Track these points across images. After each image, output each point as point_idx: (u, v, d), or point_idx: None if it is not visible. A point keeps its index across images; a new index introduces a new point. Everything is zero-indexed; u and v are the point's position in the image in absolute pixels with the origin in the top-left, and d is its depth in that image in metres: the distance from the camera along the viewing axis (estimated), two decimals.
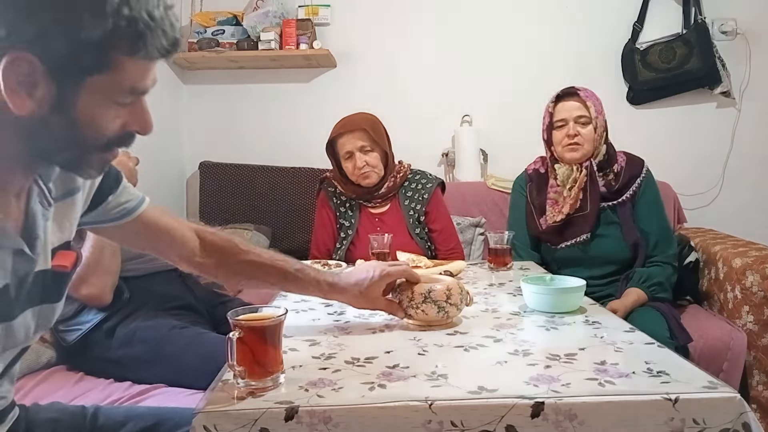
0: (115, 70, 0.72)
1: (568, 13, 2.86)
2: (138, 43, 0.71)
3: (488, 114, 2.89)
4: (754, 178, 2.83)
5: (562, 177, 1.94)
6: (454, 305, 1.19)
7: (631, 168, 1.96)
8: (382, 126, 2.07)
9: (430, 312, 1.18)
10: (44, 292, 0.85)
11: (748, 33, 2.76)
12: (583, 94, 1.92)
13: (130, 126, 0.78)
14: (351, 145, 2.00)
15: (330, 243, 2.11)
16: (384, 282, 1.21)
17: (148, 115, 0.79)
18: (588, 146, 1.90)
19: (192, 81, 3.00)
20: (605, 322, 1.22)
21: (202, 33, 2.79)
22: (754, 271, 1.87)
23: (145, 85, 0.76)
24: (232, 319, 0.90)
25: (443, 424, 0.81)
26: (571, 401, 0.82)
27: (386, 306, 1.23)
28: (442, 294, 1.18)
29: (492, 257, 1.81)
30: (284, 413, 0.81)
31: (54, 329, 1.53)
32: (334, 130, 2.05)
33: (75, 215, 0.92)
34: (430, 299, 1.18)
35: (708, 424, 0.81)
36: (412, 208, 2.07)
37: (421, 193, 2.09)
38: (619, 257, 1.91)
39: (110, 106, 0.75)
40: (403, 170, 2.11)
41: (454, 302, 1.19)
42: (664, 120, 2.85)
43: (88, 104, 0.73)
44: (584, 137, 1.89)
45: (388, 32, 2.91)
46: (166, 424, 1.02)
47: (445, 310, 1.19)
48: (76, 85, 0.71)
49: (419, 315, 1.19)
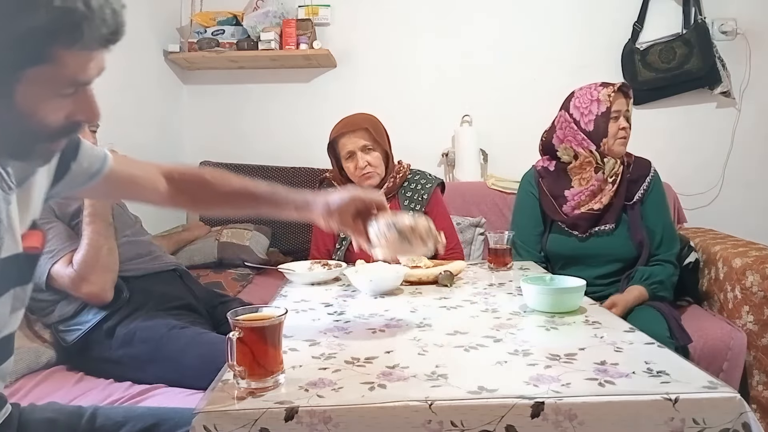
0: (54, 62, 0.70)
1: (569, 13, 2.86)
2: (75, 34, 0.69)
3: (488, 114, 2.89)
4: (754, 178, 2.83)
5: (609, 171, 1.92)
6: (419, 237, 1.16)
7: (638, 168, 1.98)
8: (383, 126, 2.07)
9: (393, 241, 1.15)
10: (19, 275, 0.85)
11: (748, 33, 2.76)
12: (629, 91, 1.95)
13: (75, 116, 0.76)
14: (353, 145, 1.99)
15: (330, 243, 2.10)
16: (354, 203, 1.19)
17: (94, 104, 0.77)
18: None
19: (192, 81, 3.00)
20: (605, 322, 1.22)
21: (202, 33, 2.79)
22: (754, 271, 1.87)
23: (87, 75, 0.74)
24: (232, 319, 0.90)
25: (443, 424, 0.81)
26: (571, 401, 0.82)
27: (353, 230, 1.21)
28: (407, 225, 1.15)
29: (492, 257, 1.81)
30: (284, 413, 0.81)
31: (54, 329, 1.53)
32: (335, 130, 2.04)
33: (39, 194, 0.92)
34: (394, 227, 1.15)
35: (708, 424, 0.81)
36: (411, 209, 2.07)
37: (421, 193, 2.08)
38: (624, 255, 1.92)
39: (51, 98, 0.73)
40: (402, 170, 2.11)
41: (419, 234, 1.16)
42: (664, 120, 2.85)
43: (28, 96, 0.71)
44: (627, 132, 1.93)
45: (388, 32, 2.91)
46: (165, 425, 1.02)
47: (408, 241, 1.15)
48: (13, 78, 0.69)
49: (383, 243, 1.16)
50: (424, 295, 1.50)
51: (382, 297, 1.48)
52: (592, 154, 1.93)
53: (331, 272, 1.70)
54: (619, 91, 1.92)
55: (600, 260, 1.92)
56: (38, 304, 1.51)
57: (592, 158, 1.93)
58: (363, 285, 1.52)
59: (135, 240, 1.69)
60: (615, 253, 1.92)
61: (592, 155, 1.93)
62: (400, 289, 1.56)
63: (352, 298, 1.49)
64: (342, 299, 1.48)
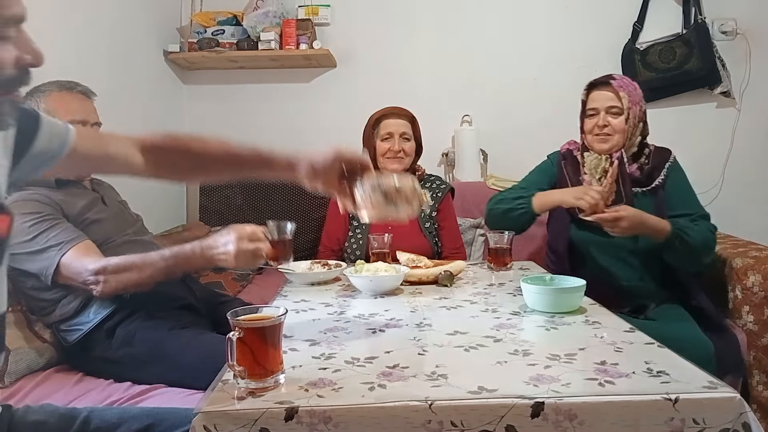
0: None
1: (568, 13, 2.85)
2: None
3: (488, 114, 2.88)
4: (754, 178, 2.83)
5: (590, 165, 1.91)
6: (405, 198, 1.15)
7: (659, 153, 1.93)
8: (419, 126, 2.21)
9: (377, 202, 1.14)
10: None
11: (748, 33, 2.76)
12: (616, 84, 1.86)
13: (23, 60, 0.77)
14: (395, 128, 2.13)
15: (341, 234, 2.15)
16: (337, 161, 1.16)
17: (35, 45, 0.79)
18: (618, 137, 1.86)
19: (192, 81, 3.00)
20: (605, 322, 1.22)
21: (202, 33, 2.79)
22: (756, 271, 1.87)
23: (22, 10, 0.76)
24: (232, 319, 0.90)
25: (443, 424, 0.81)
26: (571, 401, 0.82)
27: (337, 190, 1.19)
28: (392, 186, 1.14)
29: (492, 257, 1.81)
30: (284, 413, 0.81)
31: (55, 329, 1.53)
32: (382, 111, 2.19)
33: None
34: (379, 189, 1.14)
35: (708, 424, 0.81)
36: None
37: (435, 191, 2.21)
38: (650, 244, 1.80)
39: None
40: (420, 170, 2.24)
41: (404, 194, 1.15)
42: (664, 120, 2.84)
43: None
44: (614, 128, 1.85)
45: (388, 32, 2.91)
46: (161, 425, 1.01)
47: (394, 202, 1.15)
48: None
49: (368, 205, 1.15)
50: (424, 295, 1.50)
51: (382, 297, 1.49)
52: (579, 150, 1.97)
53: (331, 272, 1.70)
54: (595, 87, 1.90)
55: (624, 251, 1.85)
56: (39, 304, 1.51)
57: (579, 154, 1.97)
58: (363, 285, 1.52)
59: (136, 239, 1.68)
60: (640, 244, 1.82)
61: (579, 151, 1.97)
62: (400, 289, 1.56)
63: (352, 298, 1.50)
64: (342, 299, 1.48)
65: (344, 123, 2.89)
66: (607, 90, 1.88)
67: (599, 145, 1.89)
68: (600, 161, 1.89)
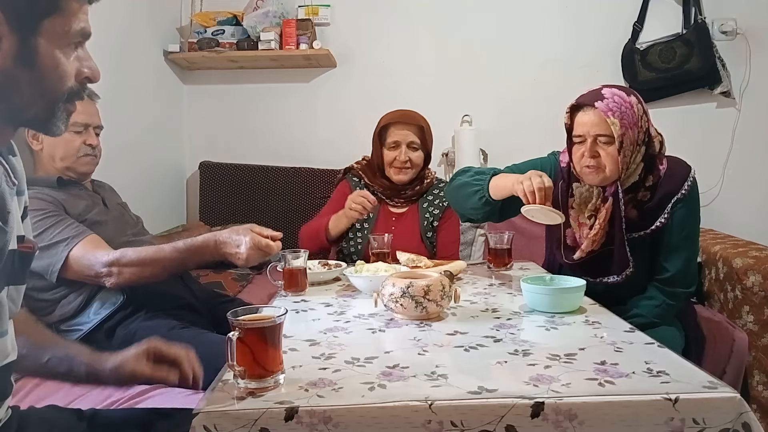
0: (64, 10, 0.78)
1: (568, 13, 2.85)
2: None
3: (488, 114, 2.88)
4: (754, 178, 2.83)
5: (579, 200, 1.61)
6: (433, 302, 1.21)
7: (668, 183, 1.57)
8: (431, 131, 2.12)
9: (408, 306, 1.21)
10: (12, 273, 0.85)
11: (748, 33, 2.76)
12: (603, 106, 1.48)
13: (81, 74, 0.82)
14: (402, 137, 2.05)
15: None
16: None
17: (93, 61, 0.84)
18: (611, 168, 1.51)
19: (192, 81, 3.00)
20: (605, 322, 1.22)
21: (202, 33, 2.79)
22: (756, 271, 1.87)
23: (89, 26, 0.82)
24: (232, 319, 0.90)
25: (443, 424, 0.81)
26: (571, 401, 0.82)
27: None
28: (420, 290, 1.21)
29: (492, 257, 1.81)
30: (284, 413, 0.81)
31: (55, 329, 1.53)
32: (389, 117, 2.09)
33: None
34: (408, 294, 1.21)
35: (708, 424, 0.81)
36: (429, 212, 2.10)
37: (442, 199, 2.12)
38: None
39: (68, 48, 0.80)
40: (430, 177, 2.17)
41: (433, 299, 1.21)
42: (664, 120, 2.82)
43: (49, 50, 0.77)
44: (606, 158, 1.50)
45: (388, 32, 2.91)
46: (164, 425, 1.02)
47: (423, 306, 1.21)
48: (34, 31, 0.76)
49: (398, 309, 1.22)
50: None
51: None
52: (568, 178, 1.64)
53: (331, 272, 1.70)
54: (578, 109, 1.54)
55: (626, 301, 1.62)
56: (39, 304, 1.51)
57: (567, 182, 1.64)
58: (363, 285, 1.52)
59: (136, 240, 1.68)
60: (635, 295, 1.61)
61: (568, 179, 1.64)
62: None
63: (352, 298, 1.49)
64: (342, 299, 1.48)
65: (344, 123, 2.90)
66: (593, 114, 1.50)
67: (588, 178, 1.56)
68: (591, 196, 1.59)
